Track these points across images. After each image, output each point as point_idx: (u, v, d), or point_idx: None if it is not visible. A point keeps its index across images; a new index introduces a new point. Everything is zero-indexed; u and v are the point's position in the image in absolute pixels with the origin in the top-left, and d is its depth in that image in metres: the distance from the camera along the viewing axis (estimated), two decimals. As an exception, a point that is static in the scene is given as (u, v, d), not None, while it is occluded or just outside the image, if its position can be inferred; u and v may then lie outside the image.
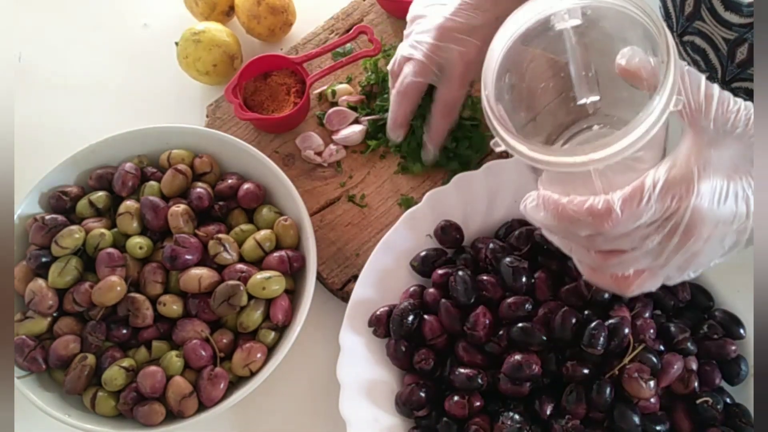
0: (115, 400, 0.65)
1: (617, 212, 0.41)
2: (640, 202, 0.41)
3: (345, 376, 0.64)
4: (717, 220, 0.42)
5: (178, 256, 0.67)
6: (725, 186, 0.42)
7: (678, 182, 0.41)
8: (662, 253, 0.44)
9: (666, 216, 0.42)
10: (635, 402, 0.59)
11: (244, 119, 0.78)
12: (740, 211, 0.43)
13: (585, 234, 0.43)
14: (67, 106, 0.89)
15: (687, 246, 0.43)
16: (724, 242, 0.44)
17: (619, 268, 0.46)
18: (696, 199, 0.41)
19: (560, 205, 0.43)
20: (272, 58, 0.81)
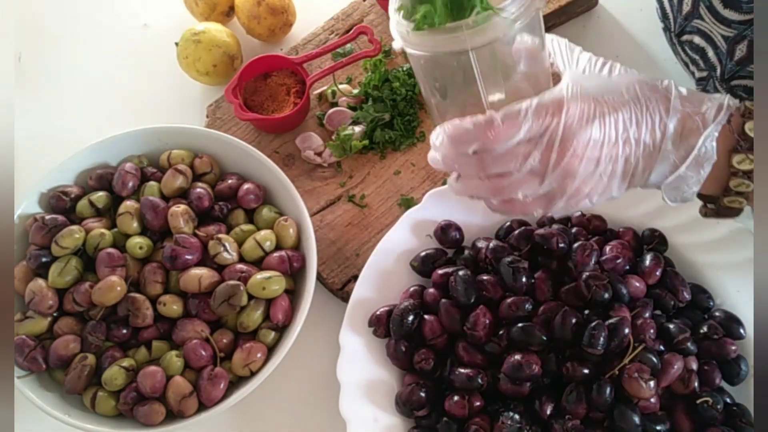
0: (115, 400, 0.65)
1: (499, 122, 0.47)
2: (518, 115, 0.47)
3: (345, 376, 0.64)
4: (588, 138, 0.47)
5: (178, 256, 0.67)
6: (592, 108, 0.48)
7: (551, 102, 0.47)
8: (543, 173, 0.48)
9: (542, 132, 0.47)
10: (635, 402, 0.59)
11: (244, 119, 0.78)
12: (608, 133, 0.48)
13: (473, 150, 0.48)
14: (67, 106, 0.89)
15: (564, 162, 0.47)
16: (599, 168, 0.49)
17: (509, 189, 0.50)
18: (566, 116, 0.47)
19: (454, 125, 0.49)
20: (272, 58, 0.81)
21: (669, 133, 0.49)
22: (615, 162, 0.49)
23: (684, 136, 0.49)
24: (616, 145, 0.48)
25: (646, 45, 0.85)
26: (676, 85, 0.50)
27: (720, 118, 0.49)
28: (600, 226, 0.69)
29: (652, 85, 0.50)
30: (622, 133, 0.48)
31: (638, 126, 0.48)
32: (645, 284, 0.64)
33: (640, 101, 0.49)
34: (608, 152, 0.48)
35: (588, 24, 0.87)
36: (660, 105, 0.49)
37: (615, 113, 0.48)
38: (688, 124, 0.49)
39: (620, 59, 0.82)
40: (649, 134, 0.49)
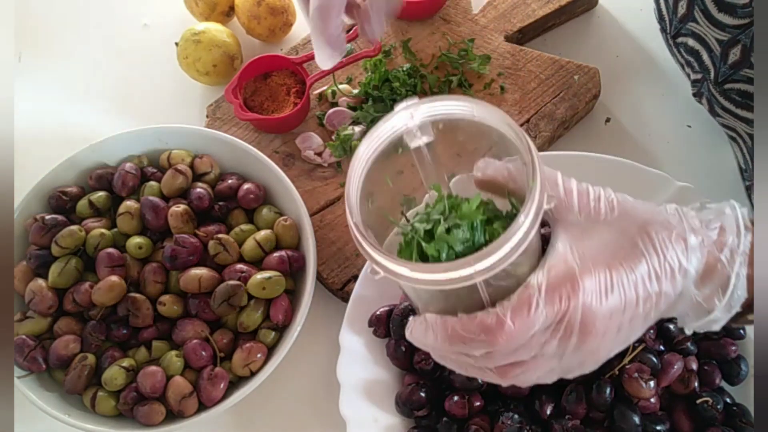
0: (115, 400, 0.65)
1: (509, 324, 0.40)
2: (529, 309, 0.40)
3: (345, 376, 0.64)
4: (609, 312, 0.42)
5: (178, 256, 0.67)
6: (608, 276, 0.42)
7: (562, 281, 0.41)
8: (563, 355, 0.43)
9: (558, 319, 0.41)
10: (635, 402, 0.59)
11: (244, 119, 0.78)
12: (629, 298, 0.42)
13: (480, 353, 0.42)
14: (67, 106, 0.89)
15: (586, 344, 0.42)
16: (621, 332, 0.44)
17: (523, 378, 0.45)
18: (583, 296, 0.41)
19: (450, 327, 0.42)
20: (272, 58, 0.81)
21: (690, 276, 0.43)
22: (636, 320, 0.44)
23: (707, 276, 0.44)
24: (638, 306, 0.43)
25: (646, 45, 0.85)
26: (685, 213, 0.45)
27: (742, 247, 0.44)
28: (600, 226, 0.69)
29: (663, 222, 0.44)
30: (643, 292, 0.42)
31: (658, 280, 0.43)
32: (645, 284, 0.64)
33: (657, 251, 0.43)
34: (630, 315, 0.43)
35: (588, 24, 0.87)
36: (677, 248, 0.43)
37: (633, 273, 0.42)
38: (710, 261, 0.44)
39: (620, 59, 0.83)
40: (670, 284, 0.43)
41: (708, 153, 0.76)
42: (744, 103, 0.64)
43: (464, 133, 0.46)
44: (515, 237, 0.39)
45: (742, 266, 0.44)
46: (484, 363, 0.44)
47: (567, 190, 0.44)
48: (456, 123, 0.46)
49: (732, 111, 0.65)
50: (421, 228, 0.45)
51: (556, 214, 0.44)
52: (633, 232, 0.43)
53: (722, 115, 0.66)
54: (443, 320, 0.42)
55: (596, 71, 0.79)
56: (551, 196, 0.42)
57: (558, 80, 0.79)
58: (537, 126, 0.77)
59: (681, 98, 0.79)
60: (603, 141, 0.79)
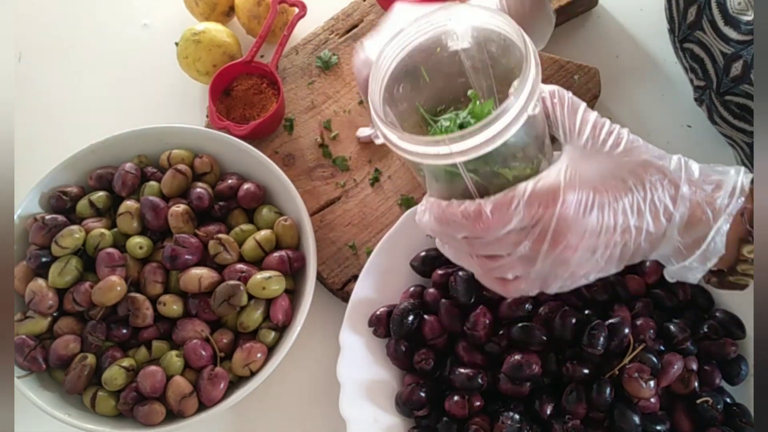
0: (115, 399, 0.65)
1: (488, 215, 0.44)
2: (509, 206, 0.44)
3: (345, 376, 0.64)
4: (583, 229, 0.45)
5: (178, 256, 0.67)
6: (591, 197, 0.45)
7: (545, 191, 0.44)
8: (535, 259, 0.46)
9: (533, 222, 0.45)
10: (635, 402, 0.59)
11: (243, 135, 0.77)
12: (607, 222, 0.45)
13: (462, 236, 0.47)
14: (67, 106, 0.89)
15: (556, 252, 0.45)
16: (596, 255, 0.46)
17: (499, 272, 0.48)
18: (561, 207, 0.44)
19: (441, 209, 0.47)
20: (223, 73, 0.80)
21: (675, 221, 0.46)
22: (613, 248, 0.46)
23: (692, 225, 0.46)
24: (615, 233, 0.46)
25: (646, 45, 0.85)
26: (686, 163, 0.47)
27: (731, 208, 0.46)
28: (600, 226, 0.69)
29: (659, 167, 0.46)
30: (622, 222, 0.45)
31: (640, 216, 0.46)
32: (645, 284, 0.64)
33: (645, 189, 0.46)
34: (606, 240, 0.46)
35: (588, 24, 0.86)
36: (667, 192, 0.46)
37: (616, 202, 0.45)
38: (697, 213, 0.46)
39: (620, 59, 0.83)
40: (653, 223, 0.46)
41: (708, 153, 0.76)
42: (741, 115, 0.64)
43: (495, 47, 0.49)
44: (492, 127, 0.42)
45: (725, 223, 0.46)
46: (467, 248, 0.48)
47: (584, 120, 0.47)
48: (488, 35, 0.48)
49: (730, 121, 0.66)
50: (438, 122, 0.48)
51: (566, 138, 0.47)
52: (629, 168, 0.46)
53: (720, 124, 0.67)
54: (438, 203, 0.47)
55: (596, 71, 0.79)
56: (537, 103, 0.45)
57: (558, 80, 0.79)
58: (537, 126, 0.77)
59: (681, 98, 0.79)
60: (603, 141, 0.79)
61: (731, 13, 0.60)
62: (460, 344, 0.63)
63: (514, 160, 0.46)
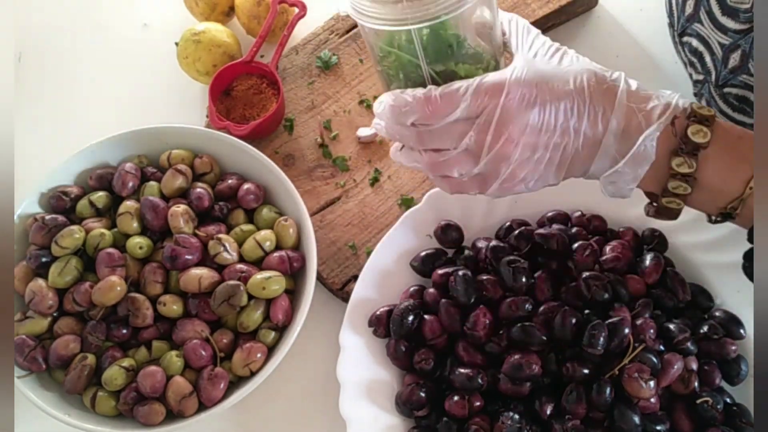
0: (115, 400, 0.65)
1: (436, 98, 0.47)
2: (456, 93, 0.47)
3: (345, 376, 0.64)
4: (525, 123, 0.47)
5: (178, 256, 0.67)
6: (534, 93, 0.47)
7: (492, 83, 0.47)
8: (478, 155, 0.49)
9: (478, 112, 0.47)
10: (635, 402, 0.59)
11: (243, 135, 0.77)
12: (547, 120, 0.48)
13: (411, 121, 0.49)
14: (67, 106, 0.89)
15: (499, 146, 0.48)
16: (536, 154, 0.49)
17: (445, 166, 0.51)
18: (505, 99, 0.47)
19: (394, 95, 0.50)
20: (223, 73, 0.80)
21: (611, 127, 0.48)
22: (552, 150, 0.49)
23: (627, 133, 0.48)
24: (554, 133, 0.48)
25: (646, 45, 0.84)
26: (627, 78, 0.50)
27: (663, 119, 0.48)
28: (600, 226, 0.69)
29: (601, 76, 0.49)
30: (562, 122, 0.48)
31: (579, 117, 0.48)
32: (645, 284, 0.64)
33: (585, 93, 0.48)
34: (545, 140, 0.48)
35: (588, 24, 0.86)
36: (605, 98, 0.48)
37: (557, 102, 0.48)
38: (633, 121, 0.48)
39: (620, 59, 0.83)
40: (590, 127, 0.48)
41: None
42: (740, 108, 0.64)
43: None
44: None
45: (656, 130, 0.48)
46: (416, 141, 0.51)
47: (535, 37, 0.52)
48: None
49: (729, 115, 0.66)
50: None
51: (518, 51, 0.51)
52: (570, 73, 0.49)
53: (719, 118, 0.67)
54: (393, 92, 0.50)
55: (596, 71, 0.79)
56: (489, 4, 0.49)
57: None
58: (537, 126, 0.77)
59: (681, 98, 0.79)
60: (603, 141, 0.79)
61: (729, 3, 0.61)
62: (460, 344, 0.63)
63: (469, 60, 0.50)
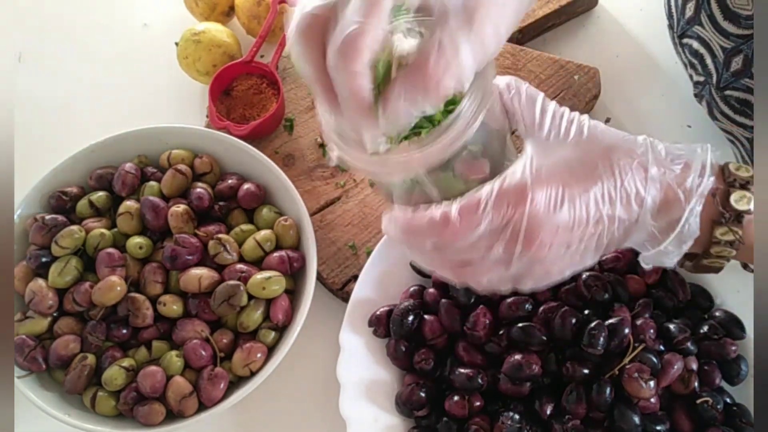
0: (115, 400, 0.65)
1: (455, 220, 0.42)
2: (476, 210, 0.42)
3: (345, 376, 0.64)
4: (556, 226, 0.43)
5: (178, 256, 0.67)
6: (560, 191, 0.43)
7: (513, 190, 0.43)
8: (509, 261, 0.45)
9: (504, 223, 0.43)
10: (635, 402, 0.59)
11: (243, 135, 0.77)
12: (579, 216, 0.44)
13: (431, 246, 0.45)
14: (67, 106, 0.89)
15: (532, 252, 0.44)
16: (571, 249, 0.45)
17: (474, 278, 0.47)
18: (531, 205, 0.42)
19: (406, 219, 0.45)
20: (223, 73, 0.80)
21: (647, 206, 0.45)
22: (587, 240, 0.45)
23: (664, 208, 0.45)
24: (588, 225, 0.44)
25: (646, 45, 0.85)
26: (653, 144, 0.46)
27: (702, 188, 0.45)
28: (600, 226, 0.69)
29: (627, 150, 0.45)
30: (594, 212, 0.44)
31: (612, 203, 0.44)
32: (645, 284, 0.64)
33: (615, 175, 0.44)
34: (579, 233, 0.44)
35: (588, 24, 0.87)
36: (636, 176, 0.44)
37: (586, 193, 0.44)
38: (669, 195, 0.45)
39: (620, 59, 0.83)
40: (625, 210, 0.44)
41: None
42: (742, 110, 0.64)
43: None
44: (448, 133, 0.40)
45: (697, 204, 0.45)
46: (439, 258, 0.46)
47: (543, 110, 0.46)
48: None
49: (730, 116, 0.65)
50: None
51: (528, 131, 0.46)
52: (595, 155, 0.45)
53: (720, 119, 0.67)
54: (402, 212, 0.45)
55: (596, 71, 0.79)
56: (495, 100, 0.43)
57: (558, 80, 0.79)
58: (537, 126, 0.77)
59: (681, 98, 0.79)
60: (603, 141, 0.79)
61: (731, 8, 0.60)
62: (460, 344, 0.63)
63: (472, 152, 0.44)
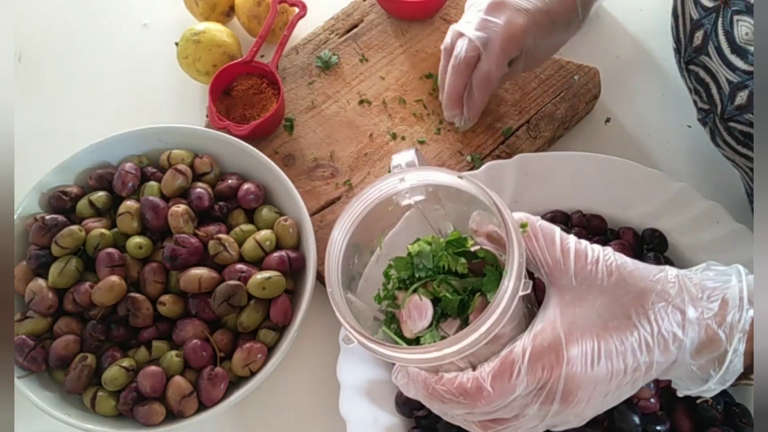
0: (115, 400, 0.65)
1: (489, 390, 0.40)
2: (510, 376, 0.40)
3: (345, 376, 0.64)
4: (594, 382, 0.42)
5: (178, 256, 0.67)
6: (596, 347, 0.41)
7: (546, 350, 0.41)
8: (545, 416, 0.43)
9: (540, 386, 0.41)
10: (635, 402, 0.59)
11: (243, 135, 0.77)
12: (617, 369, 0.42)
13: (459, 413, 0.43)
14: (67, 106, 0.89)
15: (568, 410, 0.42)
16: (607, 398, 0.44)
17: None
18: (567, 366, 0.41)
19: (429, 385, 0.42)
20: (223, 73, 0.80)
21: (686, 347, 0.43)
22: (624, 387, 0.43)
23: (704, 347, 0.43)
24: (626, 374, 0.42)
25: (646, 45, 0.85)
26: (685, 282, 0.44)
27: (743, 323, 0.43)
28: (600, 226, 0.69)
29: (660, 292, 0.43)
30: (632, 363, 0.42)
31: (650, 351, 0.42)
32: (645, 284, 0.64)
33: (651, 322, 0.42)
34: (616, 383, 0.43)
35: (588, 24, 0.86)
36: (673, 320, 0.42)
37: (623, 345, 0.42)
38: (709, 334, 0.43)
39: (620, 59, 0.83)
40: (662, 354, 0.42)
41: (708, 153, 0.76)
42: (745, 142, 0.63)
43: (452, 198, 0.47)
44: (484, 326, 0.39)
45: (740, 342, 0.43)
46: (467, 417, 0.44)
47: (564, 251, 0.43)
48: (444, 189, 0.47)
49: (733, 146, 0.65)
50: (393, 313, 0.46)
51: (550, 277, 0.44)
52: (628, 302, 0.42)
53: (723, 147, 0.66)
54: (423, 378, 0.42)
55: (596, 71, 0.79)
56: (528, 282, 0.42)
57: (558, 80, 0.79)
58: (537, 126, 0.77)
59: (681, 98, 0.79)
60: (603, 141, 0.79)
61: (738, 42, 0.59)
62: (460, 344, 0.63)
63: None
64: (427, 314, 0.44)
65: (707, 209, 0.67)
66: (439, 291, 0.44)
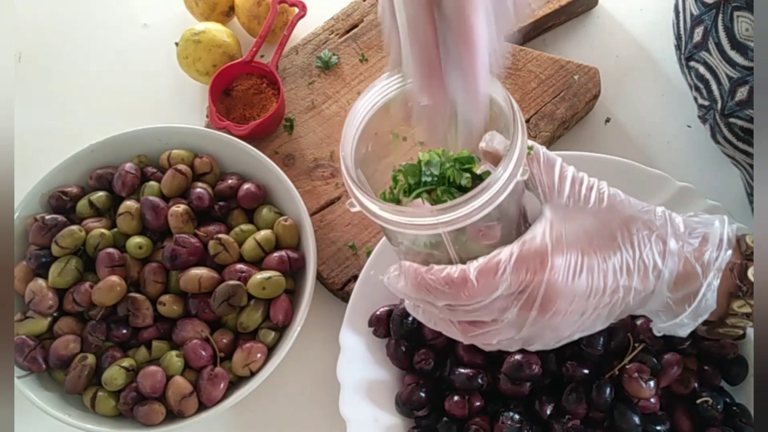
0: (115, 400, 0.65)
1: (473, 282, 0.42)
2: (495, 273, 0.42)
3: (345, 376, 0.64)
4: (573, 294, 0.43)
5: (178, 256, 0.67)
6: (579, 259, 0.43)
7: (532, 256, 0.42)
8: (522, 325, 0.44)
9: (521, 289, 0.43)
10: (635, 402, 0.59)
11: (243, 135, 0.77)
12: (596, 285, 0.44)
13: (443, 304, 0.44)
14: (67, 106, 0.89)
15: (545, 319, 0.44)
16: (584, 316, 0.45)
17: (483, 338, 0.46)
18: (550, 273, 0.42)
19: (419, 274, 0.44)
20: (222, 74, 0.80)
21: (664, 278, 0.45)
22: (601, 309, 0.45)
23: (681, 280, 0.45)
24: (604, 294, 0.44)
25: (646, 45, 0.84)
26: (671, 216, 0.46)
27: (720, 262, 0.45)
28: (600, 226, 0.69)
29: (647, 221, 0.45)
30: (612, 283, 0.44)
31: (629, 275, 0.44)
32: (645, 284, 0.64)
33: (634, 247, 0.44)
34: (594, 302, 0.44)
35: (588, 24, 0.86)
36: (655, 249, 0.44)
37: (605, 263, 0.43)
38: (687, 268, 0.45)
39: (620, 59, 0.83)
40: (642, 282, 0.44)
41: (708, 153, 0.76)
42: (745, 138, 0.63)
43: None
44: (479, 199, 0.41)
45: (715, 278, 0.45)
46: (447, 315, 0.45)
47: (562, 176, 0.46)
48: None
49: (733, 143, 0.65)
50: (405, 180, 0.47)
51: (547, 197, 0.46)
52: (615, 225, 0.44)
53: (723, 144, 0.66)
54: (415, 268, 0.44)
55: (596, 71, 0.79)
56: (526, 169, 0.43)
57: (558, 80, 0.79)
58: (537, 126, 0.77)
59: (681, 98, 0.79)
60: (603, 141, 0.79)
61: (738, 38, 0.59)
62: (460, 344, 0.63)
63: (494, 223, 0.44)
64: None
65: (707, 209, 0.67)
66: (442, 198, 0.45)
